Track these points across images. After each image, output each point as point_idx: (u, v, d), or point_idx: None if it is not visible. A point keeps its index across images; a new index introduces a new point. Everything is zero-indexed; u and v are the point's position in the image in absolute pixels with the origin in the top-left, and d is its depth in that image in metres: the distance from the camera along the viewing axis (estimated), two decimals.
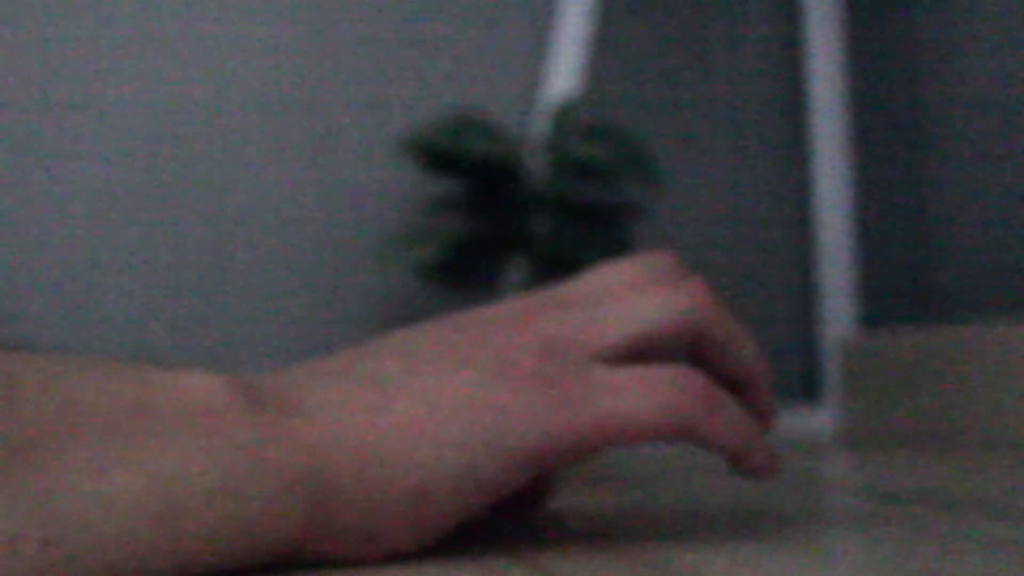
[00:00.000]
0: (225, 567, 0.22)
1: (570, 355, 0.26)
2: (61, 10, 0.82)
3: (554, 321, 0.27)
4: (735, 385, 0.29)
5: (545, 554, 0.26)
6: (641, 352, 0.27)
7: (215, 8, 0.85)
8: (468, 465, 0.24)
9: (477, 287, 0.77)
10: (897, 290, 0.98)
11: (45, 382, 0.21)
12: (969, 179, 0.91)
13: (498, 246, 0.77)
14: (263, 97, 0.86)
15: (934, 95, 0.96)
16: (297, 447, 0.23)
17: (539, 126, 0.91)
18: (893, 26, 1.00)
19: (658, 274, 0.28)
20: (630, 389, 0.25)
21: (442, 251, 0.74)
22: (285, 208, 0.86)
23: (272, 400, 0.24)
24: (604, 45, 0.93)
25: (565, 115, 0.79)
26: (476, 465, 0.24)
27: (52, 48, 0.82)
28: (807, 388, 0.95)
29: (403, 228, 0.86)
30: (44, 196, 0.81)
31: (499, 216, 0.77)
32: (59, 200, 0.81)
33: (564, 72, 0.89)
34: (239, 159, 0.85)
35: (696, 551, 0.26)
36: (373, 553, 0.24)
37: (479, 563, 0.25)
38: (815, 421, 0.85)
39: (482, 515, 0.33)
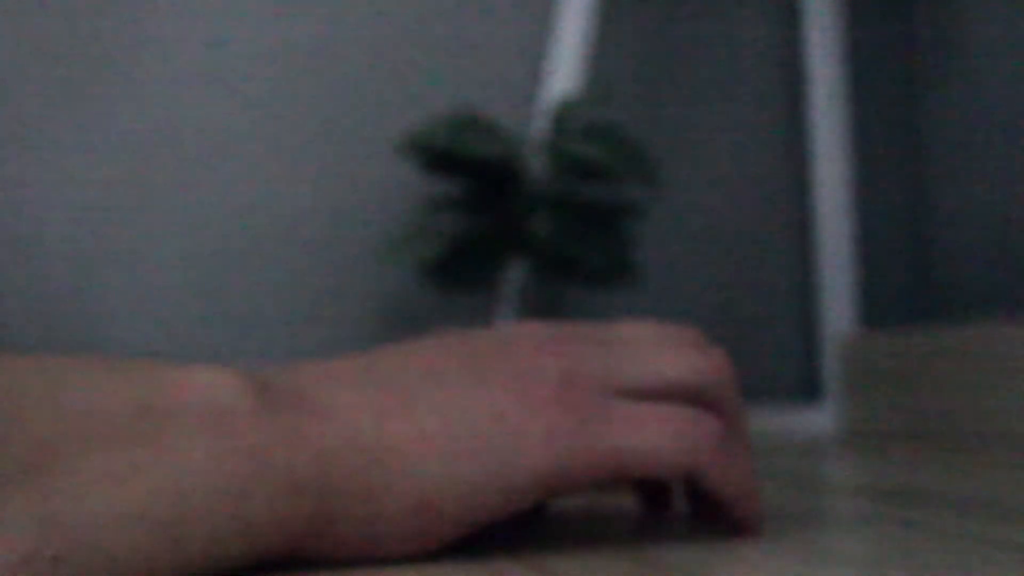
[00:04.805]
0: (225, 567, 0.22)
1: (590, 386, 0.26)
2: (63, 10, 0.82)
3: (579, 352, 0.27)
4: None
5: (545, 554, 0.26)
6: (655, 398, 0.27)
7: (215, 8, 0.85)
8: (475, 483, 0.24)
9: (477, 287, 0.77)
10: (897, 290, 0.98)
11: (51, 389, 0.21)
12: (969, 179, 0.91)
13: (498, 246, 0.77)
14: (263, 97, 0.86)
15: (934, 95, 0.96)
16: (305, 449, 0.23)
17: (539, 126, 0.91)
18: (892, 26, 1.00)
19: (683, 337, 0.29)
20: (645, 425, 0.26)
21: (442, 251, 0.74)
22: (285, 207, 0.86)
23: (284, 399, 0.24)
24: (604, 45, 0.93)
25: (565, 115, 0.79)
26: (484, 482, 0.24)
27: (54, 46, 0.82)
28: (807, 388, 0.95)
29: (403, 228, 0.86)
30: (44, 195, 0.81)
31: (499, 216, 0.77)
32: (59, 199, 0.81)
33: (564, 72, 0.89)
34: (239, 158, 0.85)
35: (696, 551, 0.26)
36: (374, 557, 0.24)
37: (479, 563, 0.25)
38: (815, 421, 0.85)
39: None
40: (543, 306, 0.82)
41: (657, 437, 0.25)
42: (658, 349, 0.28)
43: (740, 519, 0.27)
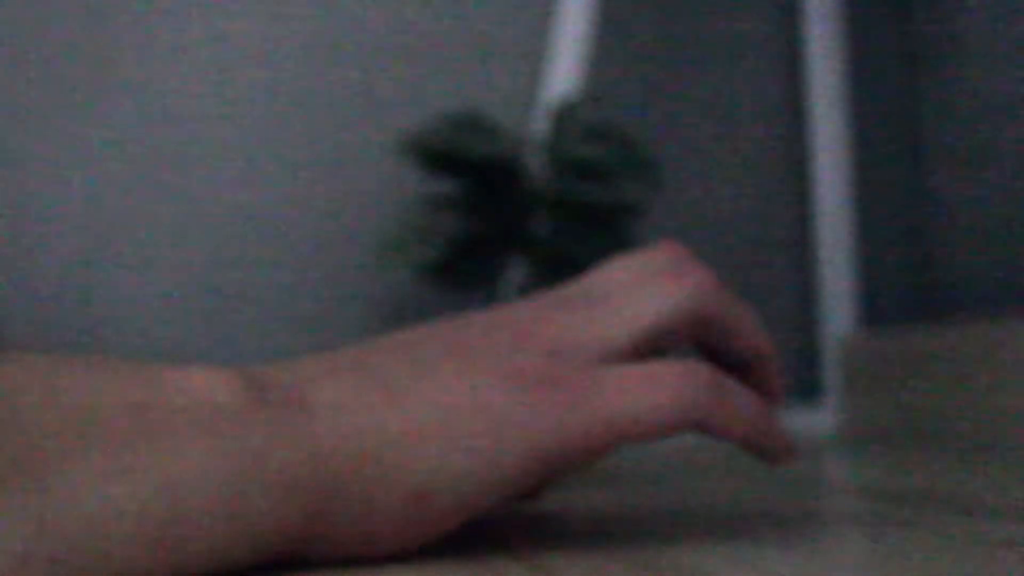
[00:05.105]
0: (223, 567, 0.22)
1: (576, 358, 0.26)
2: (63, 10, 0.82)
3: (559, 324, 0.27)
4: (743, 365, 0.29)
5: (545, 554, 0.26)
6: (648, 345, 0.27)
7: (215, 8, 0.85)
8: (471, 470, 0.24)
9: (477, 287, 0.77)
10: (897, 290, 0.98)
11: (47, 388, 0.21)
12: (969, 179, 0.91)
13: (498, 246, 0.77)
14: (262, 97, 0.86)
15: (934, 95, 0.96)
16: (300, 447, 0.23)
17: (539, 126, 0.91)
18: (892, 26, 1.00)
19: (660, 266, 0.28)
20: (637, 387, 0.25)
21: (442, 251, 0.74)
22: (284, 207, 0.86)
23: (277, 397, 0.24)
24: (604, 45, 0.93)
25: (565, 115, 0.79)
26: (480, 470, 0.24)
27: (53, 47, 0.82)
28: (807, 388, 0.95)
29: (403, 228, 0.86)
30: (44, 195, 0.81)
31: (499, 216, 0.77)
32: (58, 200, 0.81)
33: (564, 72, 0.89)
34: (238, 159, 0.85)
35: (696, 551, 0.26)
36: (371, 553, 0.24)
37: (479, 562, 0.25)
38: (815, 421, 0.85)
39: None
40: None
41: (651, 398, 0.25)
42: (638, 295, 0.27)
43: (762, 454, 0.27)
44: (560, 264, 0.77)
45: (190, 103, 0.84)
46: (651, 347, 0.27)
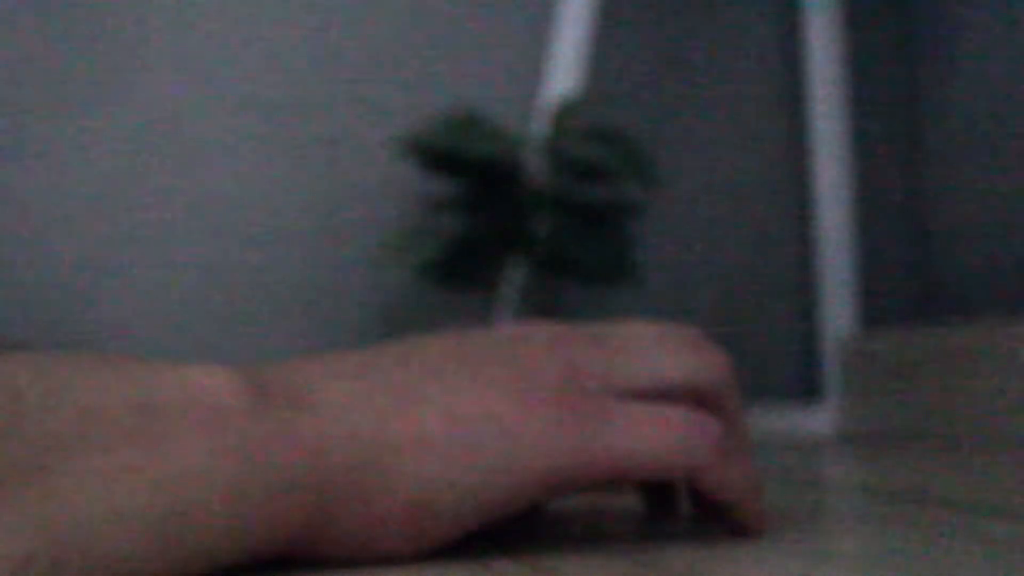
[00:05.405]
0: (223, 565, 0.22)
1: (590, 387, 0.26)
2: (64, 11, 0.82)
3: (579, 353, 0.27)
4: None
5: (545, 554, 0.26)
6: (656, 397, 0.27)
7: (216, 9, 0.85)
8: (473, 484, 0.24)
9: (477, 287, 0.77)
10: (897, 290, 0.98)
11: (50, 388, 0.21)
12: (968, 180, 0.91)
13: (498, 246, 0.77)
14: (263, 97, 0.86)
15: (933, 96, 0.96)
16: (302, 447, 0.23)
17: (539, 126, 0.91)
18: (892, 26, 1.00)
19: (683, 338, 0.29)
20: (647, 426, 0.25)
21: (442, 251, 0.74)
22: (285, 207, 0.86)
23: (281, 396, 0.24)
24: (604, 45, 0.93)
25: (565, 115, 0.79)
26: (481, 485, 0.24)
27: (55, 50, 0.82)
28: (807, 388, 0.95)
29: (403, 228, 0.86)
30: (46, 195, 0.81)
31: (499, 216, 0.77)
32: (62, 200, 0.81)
33: (564, 72, 0.89)
34: (240, 159, 0.85)
35: (696, 551, 0.26)
36: (371, 555, 0.24)
37: (479, 563, 0.25)
38: (815, 421, 0.85)
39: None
40: (543, 306, 0.82)
41: (656, 439, 0.25)
42: (658, 350, 0.28)
43: (742, 520, 0.27)
44: (560, 264, 0.77)
45: (192, 105, 0.84)
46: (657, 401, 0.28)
